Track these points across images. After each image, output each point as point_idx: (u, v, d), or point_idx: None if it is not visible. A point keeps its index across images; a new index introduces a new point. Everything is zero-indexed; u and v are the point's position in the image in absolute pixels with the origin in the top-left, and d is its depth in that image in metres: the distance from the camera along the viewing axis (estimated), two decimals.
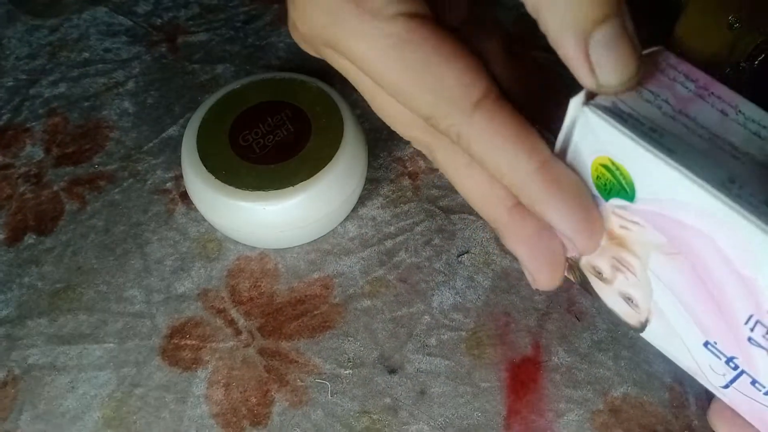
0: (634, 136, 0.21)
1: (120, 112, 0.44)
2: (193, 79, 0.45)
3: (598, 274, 0.27)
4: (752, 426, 0.26)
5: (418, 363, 0.34)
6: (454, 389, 0.33)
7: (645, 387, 0.33)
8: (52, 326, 0.36)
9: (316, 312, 0.36)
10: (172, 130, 0.43)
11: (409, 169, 0.41)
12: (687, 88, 0.23)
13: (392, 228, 0.39)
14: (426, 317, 0.35)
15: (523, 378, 0.33)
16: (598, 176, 0.23)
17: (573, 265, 0.28)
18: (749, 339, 0.23)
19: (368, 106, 0.43)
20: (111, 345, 0.35)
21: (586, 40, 0.20)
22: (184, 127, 0.37)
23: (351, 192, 0.37)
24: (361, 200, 0.39)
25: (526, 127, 0.22)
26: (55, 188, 0.41)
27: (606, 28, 0.20)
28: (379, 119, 0.43)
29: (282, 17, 0.48)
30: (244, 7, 0.49)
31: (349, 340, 0.35)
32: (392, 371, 0.34)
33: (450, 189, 0.40)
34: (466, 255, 0.37)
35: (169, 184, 0.40)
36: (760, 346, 0.22)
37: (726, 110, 0.23)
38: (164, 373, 0.34)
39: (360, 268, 0.37)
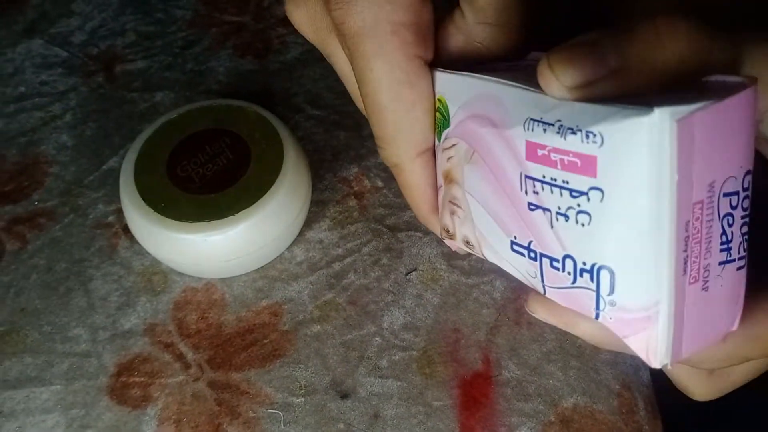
0: (449, 71, 0.26)
1: (58, 146, 0.43)
2: (132, 108, 0.45)
3: (448, 233, 0.29)
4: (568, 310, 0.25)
5: (371, 386, 0.34)
6: (407, 410, 0.33)
7: (594, 395, 0.33)
8: None
9: (265, 341, 0.35)
10: (112, 162, 0.42)
11: (355, 189, 0.41)
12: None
13: (340, 250, 0.39)
14: (377, 339, 0.35)
15: (475, 394, 0.33)
16: (436, 122, 0.28)
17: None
18: (529, 206, 0.24)
19: (311, 128, 0.43)
20: (58, 387, 0.34)
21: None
22: (124, 158, 0.37)
23: (295, 216, 0.37)
24: (308, 223, 0.39)
25: (434, 180, 0.29)
26: None
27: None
28: (322, 141, 0.43)
29: (220, 41, 0.48)
30: (181, 33, 0.49)
31: (300, 368, 0.34)
32: (345, 396, 0.34)
33: (396, 207, 0.40)
34: (414, 272, 0.38)
35: (111, 218, 0.40)
36: (537, 206, 0.23)
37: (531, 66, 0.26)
38: (113, 412, 0.33)
39: (309, 293, 0.37)
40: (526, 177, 0.24)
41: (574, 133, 0.21)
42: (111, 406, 0.34)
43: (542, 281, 0.25)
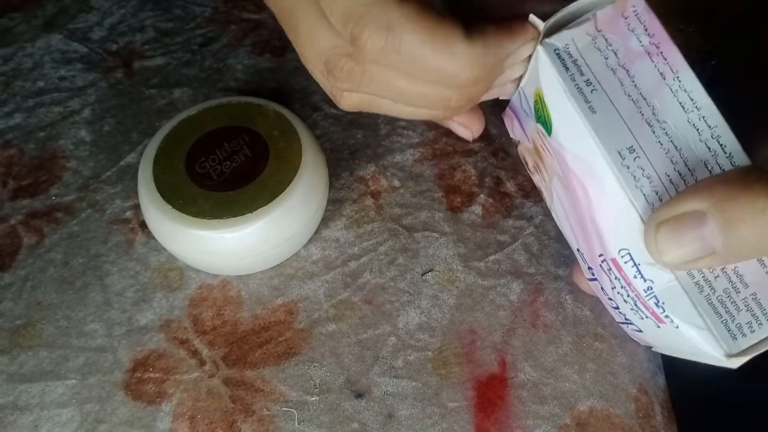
0: (566, 87, 0.24)
1: (76, 141, 0.43)
2: (151, 105, 0.45)
3: (525, 164, 0.32)
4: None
5: (385, 386, 0.34)
6: (421, 411, 0.33)
7: (611, 399, 0.33)
8: (12, 364, 0.35)
9: (280, 339, 0.35)
10: (130, 158, 0.42)
11: (372, 188, 0.41)
12: (641, 41, 0.25)
13: (356, 249, 0.38)
14: (392, 339, 0.35)
15: (491, 396, 0.33)
16: (536, 101, 0.26)
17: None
18: (600, 265, 0.27)
19: (328, 126, 0.43)
20: (73, 381, 0.34)
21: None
22: (142, 153, 0.37)
23: (312, 215, 0.37)
24: (324, 221, 0.39)
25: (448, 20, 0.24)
26: (12, 222, 0.40)
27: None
28: (340, 139, 0.43)
29: (238, 39, 0.48)
30: (200, 30, 0.49)
31: (315, 366, 0.34)
32: (359, 395, 0.34)
33: (413, 207, 0.40)
34: (430, 273, 0.37)
35: (128, 213, 0.40)
36: (605, 272, 0.27)
37: (665, 73, 0.25)
38: (128, 408, 0.34)
39: (324, 292, 0.37)
40: (605, 260, 0.26)
41: (658, 305, 0.24)
42: (126, 401, 0.34)
43: (589, 279, 0.31)
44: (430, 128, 0.43)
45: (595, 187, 0.25)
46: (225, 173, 0.36)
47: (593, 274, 0.29)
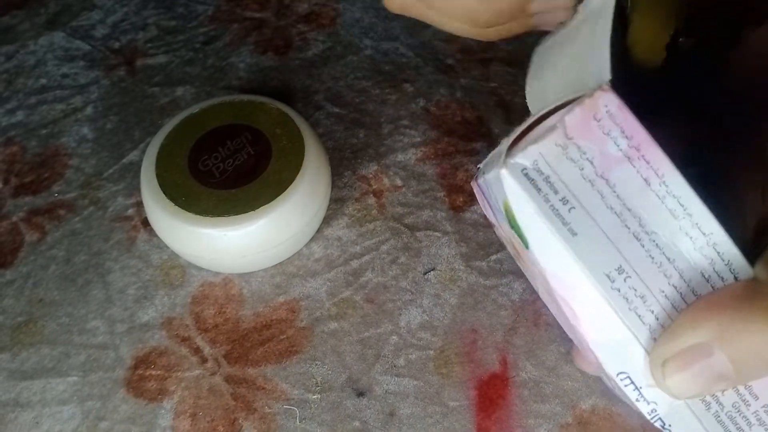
0: (540, 211, 0.22)
1: (79, 138, 0.43)
2: (153, 103, 0.45)
3: (504, 244, 0.31)
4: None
5: (387, 384, 0.34)
6: (423, 410, 0.33)
7: (613, 398, 0.33)
8: (14, 361, 0.35)
9: (282, 337, 0.35)
10: (132, 156, 0.42)
11: (374, 187, 0.41)
12: (618, 146, 0.22)
13: (358, 248, 0.38)
14: (394, 337, 0.35)
15: (492, 395, 0.33)
16: (506, 210, 0.23)
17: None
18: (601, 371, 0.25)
19: (330, 125, 0.43)
20: (74, 378, 0.34)
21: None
22: (144, 151, 0.37)
23: (314, 213, 0.37)
24: (326, 220, 0.39)
25: None
26: (14, 219, 0.40)
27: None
28: (342, 138, 0.43)
29: (241, 37, 0.48)
30: (203, 28, 0.49)
31: (316, 364, 0.34)
32: (361, 394, 0.34)
33: (415, 206, 0.40)
34: (432, 272, 0.37)
35: (130, 211, 0.40)
36: (607, 379, 0.25)
37: (650, 179, 0.22)
38: (129, 405, 0.34)
39: (326, 290, 0.37)
40: (606, 374, 0.24)
41: (664, 427, 0.23)
42: (127, 398, 0.34)
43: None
44: (432, 128, 0.43)
45: (585, 311, 0.23)
46: (227, 171, 0.36)
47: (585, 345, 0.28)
